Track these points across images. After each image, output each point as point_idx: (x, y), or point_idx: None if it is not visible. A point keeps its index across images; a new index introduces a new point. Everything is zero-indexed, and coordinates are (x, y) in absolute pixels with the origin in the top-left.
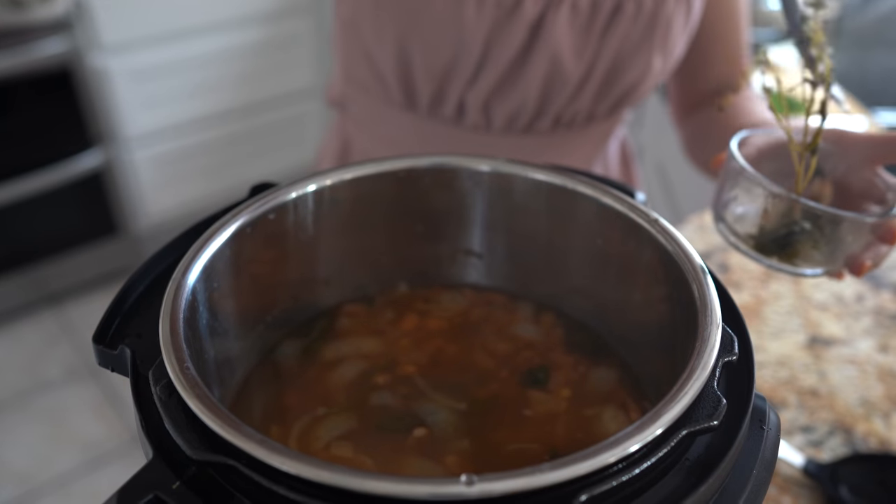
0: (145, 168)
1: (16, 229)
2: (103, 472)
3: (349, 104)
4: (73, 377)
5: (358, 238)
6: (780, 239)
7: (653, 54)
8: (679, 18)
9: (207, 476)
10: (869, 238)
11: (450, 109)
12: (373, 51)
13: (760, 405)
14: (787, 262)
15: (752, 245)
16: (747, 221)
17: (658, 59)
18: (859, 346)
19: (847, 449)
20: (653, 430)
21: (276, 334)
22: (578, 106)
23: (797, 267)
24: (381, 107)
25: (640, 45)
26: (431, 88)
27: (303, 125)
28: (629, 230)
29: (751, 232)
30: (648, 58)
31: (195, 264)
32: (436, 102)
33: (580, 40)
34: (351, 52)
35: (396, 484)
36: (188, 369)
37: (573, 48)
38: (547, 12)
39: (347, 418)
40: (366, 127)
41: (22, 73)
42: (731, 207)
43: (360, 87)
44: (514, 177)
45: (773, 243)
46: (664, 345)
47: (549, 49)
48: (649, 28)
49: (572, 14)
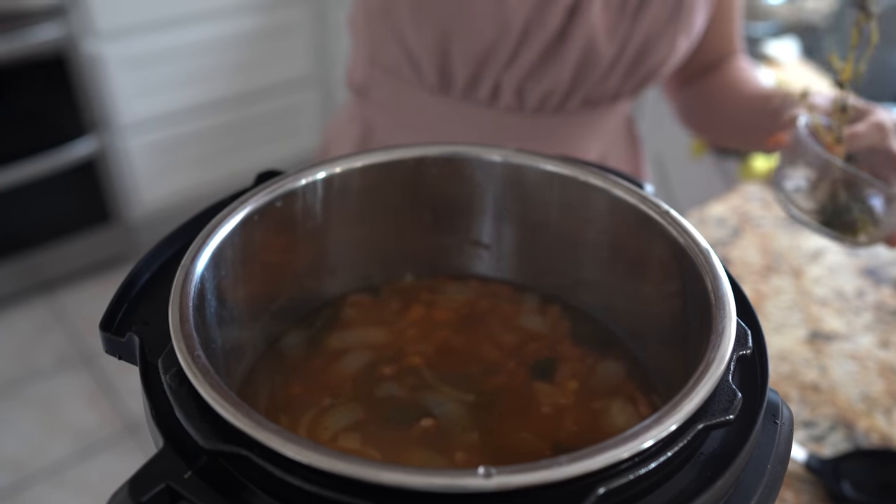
0: (139, 156)
1: (9, 216)
2: (96, 460)
3: (373, 89)
4: (65, 365)
5: (365, 227)
6: (836, 212)
7: (678, 34)
8: (700, 2)
9: (219, 466)
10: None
11: (485, 92)
12: (408, 37)
13: (774, 399)
14: (847, 235)
15: (815, 218)
16: (805, 195)
17: (683, 39)
18: (860, 342)
19: (849, 444)
20: (669, 424)
21: (281, 324)
22: (608, 85)
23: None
24: (411, 91)
25: (667, 26)
26: (468, 72)
27: (298, 114)
28: (640, 222)
29: (812, 206)
30: (674, 38)
31: (204, 251)
32: (471, 85)
33: (614, 22)
34: (379, 38)
35: (412, 475)
36: (199, 357)
37: (607, 30)
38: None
39: (354, 409)
40: (391, 112)
41: (16, 59)
42: (792, 181)
43: (388, 71)
44: (524, 167)
45: (833, 216)
46: (674, 338)
47: (585, 31)
48: (676, 9)
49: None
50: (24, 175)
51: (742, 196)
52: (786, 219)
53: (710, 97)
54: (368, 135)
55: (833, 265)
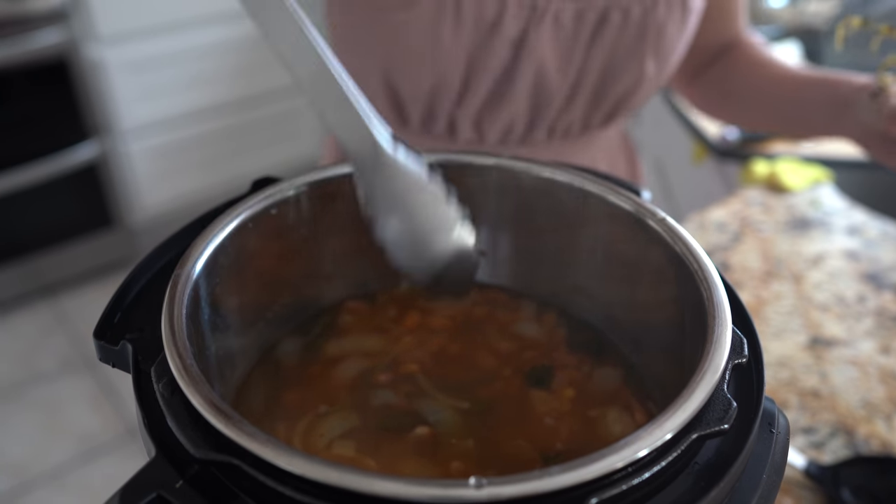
0: (141, 160)
1: (11, 220)
2: (98, 464)
3: None
4: (68, 369)
5: (361, 234)
6: None
7: (645, 61)
8: (673, 23)
9: (211, 475)
10: None
11: (441, 127)
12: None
13: (770, 408)
14: None
15: None
16: None
17: (651, 65)
18: (861, 348)
19: (849, 451)
20: (663, 434)
21: (277, 331)
22: (571, 116)
23: None
24: None
25: (631, 54)
26: (421, 109)
27: (299, 119)
28: (636, 229)
29: None
30: (641, 65)
31: (197, 259)
32: (427, 121)
33: (565, 53)
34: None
35: (404, 486)
36: (191, 366)
37: (558, 62)
38: (529, 28)
39: (349, 417)
40: None
41: (18, 63)
42: None
43: None
44: (519, 174)
45: None
46: (670, 345)
47: (534, 64)
48: (639, 36)
49: (555, 28)
50: (27, 179)
51: (743, 201)
52: (786, 223)
53: (735, 83)
54: None
55: (834, 270)
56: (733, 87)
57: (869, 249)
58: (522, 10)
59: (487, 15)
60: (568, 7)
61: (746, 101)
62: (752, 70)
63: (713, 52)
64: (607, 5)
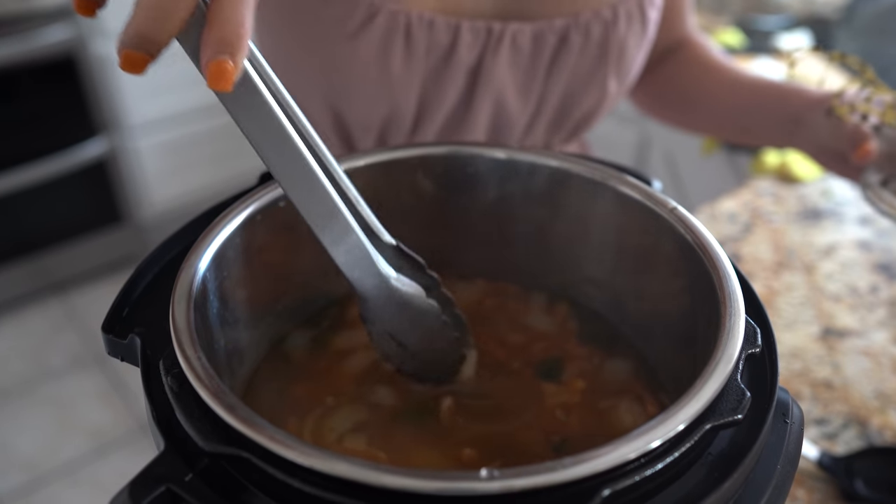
0: (150, 156)
1: (21, 218)
2: (109, 459)
3: None
4: (78, 365)
5: None
6: None
7: (607, 79)
8: (633, 38)
9: (220, 468)
10: None
11: None
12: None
13: (784, 398)
14: None
15: None
16: None
17: (613, 83)
18: (874, 338)
19: (862, 442)
20: (675, 425)
21: (286, 324)
22: (532, 140)
23: None
24: None
25: (593, 74)
26: (372, 140)
27: None
28: (647, 219)
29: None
30: (603, 84)
31: (205, 252)
32: None
33: (525, 79)
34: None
35: (415, 478)
36: (199, 359)
37: (517, 88)
38: (485, 54)
39: (358, 410)
40: None
41: (26, 60)
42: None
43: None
44: (529, 164)
45: None
46: (682, 336)
47: (492, 92)
48: (601, 55)
49: (513, 52)
50: (36, 177)
51: (753, 191)
52: (797, 214)
53: (683, 85)
54: None
55: (846, 261)
56: (681, 89)
57: (881, 239)
58: (478, 35)
59: (440, 42)
60: (525, 29)
61: (695, 105)
62: (703, 73)
63: (659, 52)
64: (567, 25)
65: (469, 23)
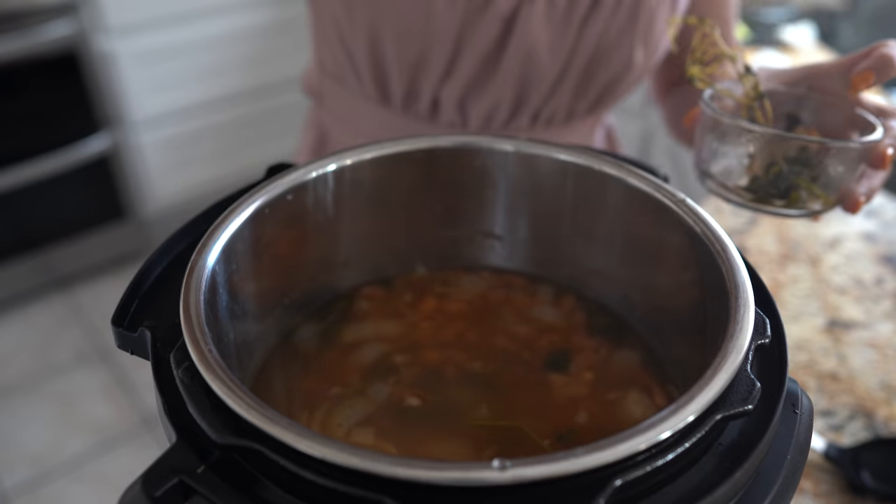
0: (153, 152)
1: (24, 214)
2: (114, 454)
3: (325, 96)
4: (83, 360)
5: (377, 219)
6: (773, 183)
7: (634, 48)
8: (663, 11)
9: (233, 460)
10: (861, 167)
11: (424, 106)
12: (347, 39)
13: (793, 389)
14: (784, 207)
15: (748, 197)
16: (734, 173)
17: (640, 53)
18: (879, 330)
19: (868, 433)
20: (686, 415)
21: (294, 317)
22: (556, 103)
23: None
24: (357, 101)
25: (620, 39)
26: (405, 83)
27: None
28: (656, 211)
29: (742, 183)
30: (630, 51)
31: (214, 245)
32: (410, 98)
33: (556, 34)
34: (326, 41)
35: (428, 469)
36: (210, 351)
37: (549, 43)
38: (521, 6)
39: (367, 403)
40: (342, 120)
41: (28, 56)
42: (715, 161)
43: (335, 78)
44: (537, 157)
45: (766, 189)
46: (690, 327)
47: (524, 44)
48: (630, 21)
49: (548, 7)
50: (39, 173)
51: None
52: None
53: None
54: (323, 141)
55: (851, 253)
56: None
57: (887, 231)
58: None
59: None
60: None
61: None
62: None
63: None
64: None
65: None
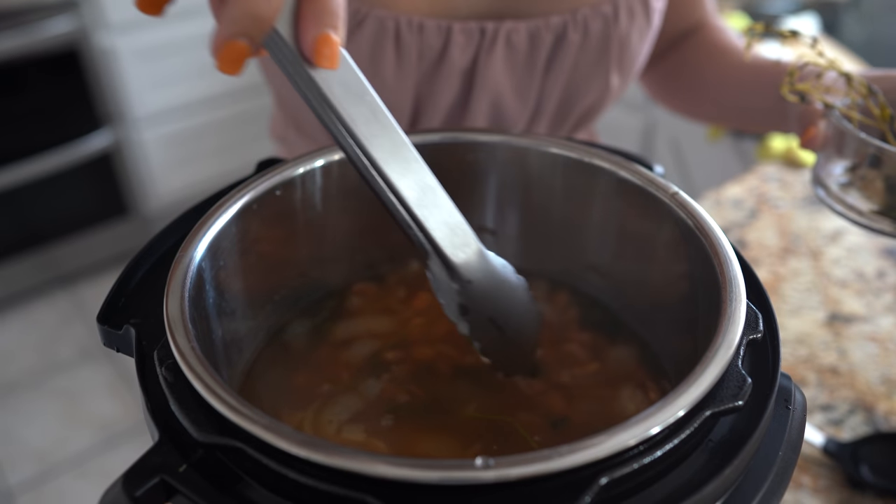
0: (155, 148)
1: (27, 211)
2: (118, 451)
3: (292, 143)
4: (87, 357)
5: (368, 215)
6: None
7: (609, 74)
8: (636, 30)
9: (215, 459)
10: None
11: None
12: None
13: (786, 384)
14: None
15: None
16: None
17: (616, 77)
18: (880, 323)
19: (868, 428)
20: (675, 411)
21: (284, 314)
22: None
23: None
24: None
25: (593, 70)
26: None
27: None
28: (648, 204)
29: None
30: (605, 79)
31: (200, 242)
32: None
33: (521, 79)
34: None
35: (410, 468)
36: (194, 349)
37: (514, 88)
38: (479, 55)
39: (359, 399)
40: None
41: (29, 53)
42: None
43: (298, 128)
44: (528, 150)
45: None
46: (684, 322)
47: (488, 93)
48: (602, 51)
49: (508, 53)
50: (41, 170)
51: (759, 177)
52: (804, 199)
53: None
54: None
55: (853, 246)
56: (687, 74)
57: None
58: (470, 36)
59: (431, 46)
60: (521, 28)
61: (699, 90)
62: (709, 56)
63: (672, 39)
64: (564, 23)
65: (461, 24)
